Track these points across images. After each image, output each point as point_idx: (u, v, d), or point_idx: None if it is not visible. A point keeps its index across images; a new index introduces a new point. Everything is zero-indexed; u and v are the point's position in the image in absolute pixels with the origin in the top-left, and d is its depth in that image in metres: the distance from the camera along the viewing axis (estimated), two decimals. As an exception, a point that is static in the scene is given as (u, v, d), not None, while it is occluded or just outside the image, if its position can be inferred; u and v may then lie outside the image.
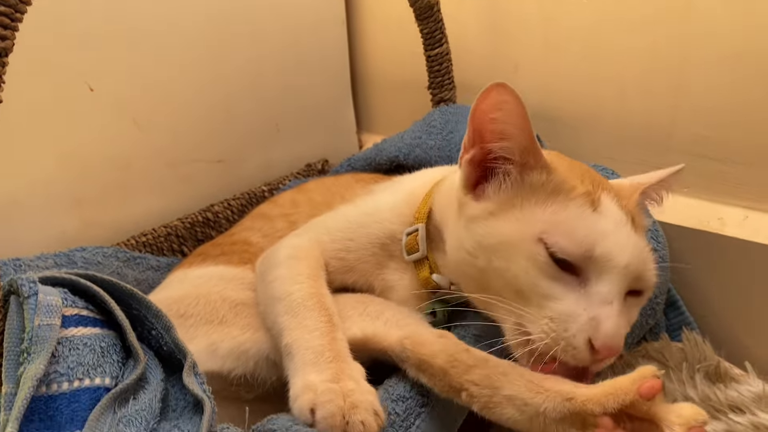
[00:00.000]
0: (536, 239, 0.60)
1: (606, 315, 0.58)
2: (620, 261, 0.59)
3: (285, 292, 0.69)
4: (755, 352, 0.95)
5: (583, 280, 0.60)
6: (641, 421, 0.55)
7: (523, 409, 0.57)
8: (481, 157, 0.65)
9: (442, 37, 1.03)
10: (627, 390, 0.54)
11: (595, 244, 0.59)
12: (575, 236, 0.60)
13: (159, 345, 0.65)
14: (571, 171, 0.65)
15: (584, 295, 0.60)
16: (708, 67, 0.93)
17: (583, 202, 0.62)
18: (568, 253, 0.59)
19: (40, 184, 0.96)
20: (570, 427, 0.56)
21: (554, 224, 0.61)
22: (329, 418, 0.55)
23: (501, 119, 0.62)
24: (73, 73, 0.95)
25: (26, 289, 0.58)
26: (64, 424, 0.54)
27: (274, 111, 1.26)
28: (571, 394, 0.56)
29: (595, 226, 0.61)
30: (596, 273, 0.60)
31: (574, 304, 0.59)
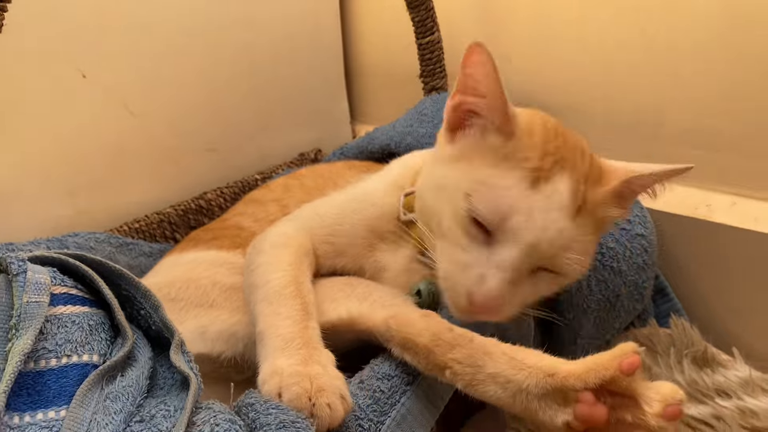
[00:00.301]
0: (465, 194, 0.64)
1: (493, 275, 0.62)
2: (526, 238, 0.61)
3: (264, 280, 0.70)
4: (742, 338, 0.96)
5: (492, 241, 0.63)
6: (621, 396, 0.56)
7: (506, 386, 0.58)
8: (459, 105, 0.68)
9: (433, 25, 1.04)
10: (607, 366, 0.55)
11: (510, 217, 0.62)
12: (495, 205, 0.62)
13: (148, 325, 0.65)
14: (542, 143, 0.65)
15: (485, 254, 0.63)
16: (695, 56, 0.94)
17: (524, 176, 0.63)
18: (482, 217, 0.62)
19: (34, 171, 0.97)
20: (552, 402, 0.57)
21: (485, 187, 0.64)
22: (295, 400, 0.55)
23: (474, 76, 0.65)
24: (65, 60, 0.96)
25: (15, 267, 0.58)
26: (52, 399, 0.54)
27: (268, 100, 1.26)
28: (552, 370, 0.57)
29: (519, 202, 0.62)
30: (503, 240, 0.62)
31: (473, 258, 0.63)
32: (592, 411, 0.54)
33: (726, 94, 0.93)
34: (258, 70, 1.23)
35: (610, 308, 0.85)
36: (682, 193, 0.99)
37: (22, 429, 0.52)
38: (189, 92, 1.13)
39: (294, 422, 0.52)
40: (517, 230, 0.61)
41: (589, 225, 0.65)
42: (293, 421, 0.52)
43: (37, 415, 0.53)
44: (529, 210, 0.62)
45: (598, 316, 0.84)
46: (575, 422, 0.55)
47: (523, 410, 0.58)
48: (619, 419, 0.56)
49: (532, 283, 0.65)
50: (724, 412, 0.83)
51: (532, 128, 0.67)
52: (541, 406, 0.57)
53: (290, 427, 0.51)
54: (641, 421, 0.54)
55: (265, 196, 0.97)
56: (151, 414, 0.55)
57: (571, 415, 0.55)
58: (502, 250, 0.62)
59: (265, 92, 1.26)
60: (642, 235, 0.88)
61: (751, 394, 0.86)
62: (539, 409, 0.57)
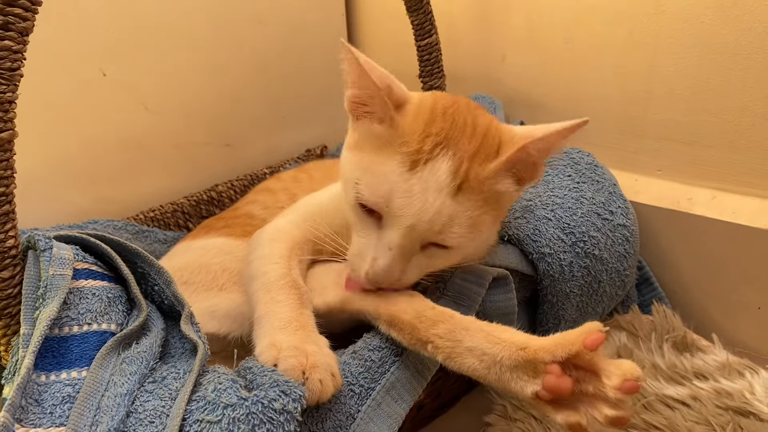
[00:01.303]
0: (354, 182, 0.69)
1: (381, 256, 0.68)
2: (405, 220, 0.66)
3: (261, 271, 0.74)
4: (722, 324, 1.01)
5: (382, 224, 0.68)
6: (585, 370, 0.60)
7: (482, 358, 0.63)
8: (349, 98, 0.72)
9: (431, 28, 1.08)
10: (574, 341, 0.59)
11: (391, 200, 0.66)
12: (377, 190, 0.67)
13: (161, 299, 0.71)
14: (424, 126, 0.68)
15: (377, 237, 0.69)
16: (678, 56, 0.98)
17: (403, 160, 0.66)
18: (368, 201, 0.68)
19: (57, 162, 1.02)
20: (523, 374, 0.61)
21: (369, 174, 0.68)
22: (290, 370, 0.59)
23: (347, 71, 0.69)
24: (87, 59, 1.02)
25: (42, 244, 0.65)
26: (74, 361, 0.61)
27: (277, 99, 1.32)
28: (524, 344, 0.62)
29: (397, 185, 0.66)
30: (389, 222, 0.67)
31: (367, 243, 0.70)
32: (559, 382, 0.58)
33: (706, 93, 0.97)
34: (268, 70, 1.28)
35: (592, 293, 0.89)
36: (664, 186, 1.04)
37: (48, 386, 0.58)
38: (202, 90, 1.19)
39: (286, 381, 0.57)
40: (398, 212, 0.66)
41: (473, 200, 0.67)
42: (285, 381, 0.57)
43: (62, 374, 0.60)
44: (407, 192, 0.65)
45: (580, 300, 0.88)
46: (543, 392, 0.59)
47: (497, 381, 0.63)
48: (582, 390, 0.60)
49: (426, 255, 0.70)
50: (701, 393, 0.87)
51: (419, 112, 0.69)
52: (513, 377, 0.62)
53: (283, 385, 0.57)
54: (601, 393, 0.58)
55: (276, 185, 1.02)
56: (162, 376, 0.62)
57: (539, 385, 0.60)
58: (388, 232, 0.67)
59: (274, 91, 1.31)
60: (624, 225, 0.93)
61: (728, 376, 0.89)
62: (511, 380, 0.62)
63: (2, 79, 0.57)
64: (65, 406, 0.57)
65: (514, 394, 0.63)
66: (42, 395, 0.58)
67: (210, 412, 0.55)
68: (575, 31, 1.09)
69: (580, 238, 0.87)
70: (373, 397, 0.66)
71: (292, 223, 0.82)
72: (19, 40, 0.58)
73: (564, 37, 1.10)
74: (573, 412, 0.59)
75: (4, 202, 0.60)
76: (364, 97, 0.69)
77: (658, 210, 1.02)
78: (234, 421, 0.54)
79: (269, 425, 0.54)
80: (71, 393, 0.58)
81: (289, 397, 0.56)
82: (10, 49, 0.57)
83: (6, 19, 0.57)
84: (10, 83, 0.58)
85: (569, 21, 1.09)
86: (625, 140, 1.07)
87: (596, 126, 1.10)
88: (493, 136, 0.70)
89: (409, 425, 0.87)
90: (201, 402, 0.57)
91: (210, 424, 0.54)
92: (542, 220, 0.87)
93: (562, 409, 0.60)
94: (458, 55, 1.23)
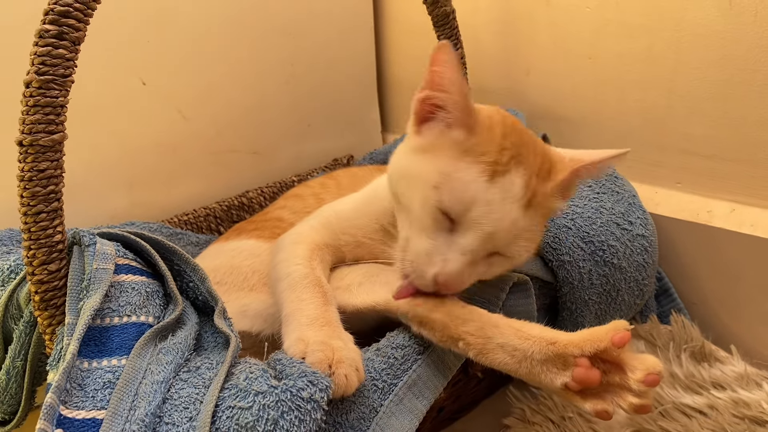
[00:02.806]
0: (433, 186, 0.69)
1: (454, 260, 0.68)
2: (485, 228, 0.68)
3: (286, 273, 0.77)
4: (741, 336, 1.01)
5: (455, 227, 0.69)
6: (610, 363, 0.64)
7: (513, 353, 0.66)
8: (426, 99, 0.72)
9: (457, 42, 1.11)
10: (602, 338, 0.63)
11: (472, 208, 0.68)
12: (460, 197, 0.68)
13: (195, 296, 0.75)
14: (500, 138, 0.70)
15: (449, 240, 0.69)
16: (698, 70, 0.99)
17: (483, 169, 0.68)
18: (448, 207, 0.68)
19: (96, 166, 1.07)
20: (552, 367, 0.65)
21: (450, 180, 0.69)
22: (317, 363, 0.61)
23: (440, 73, 0.69)
24: (128, 69, 1.07)
25: (86, 239, 0.69)
26: (114, 350, 0.64)
27: (306, 109, 1.36)
28: (554, 339, 0.65)
29: (479, 194, 0.68)
30: (465, 228, 0.68)
31: (438, 245, 0.69)
32: (588, 374, 0.62)
33: (726, 107, 0.98)
34: (298, 82, 1.32)
35: (610, 301, 0.91)
36: (684, 199, 1.05)
37: (91, 372, 0.62)
38: (236, 100, 1.23)
39: (314, 372, 0.60)
40: (477, 220, 0.68)
41: (537, 216, 0.71)
42: (313, 372, 0.60)
43: (103, 361, 0.63)
44: (488, 202, 0.68)
45: (599, 308, 0.90)
46: (572, 383, 0.63)
47: (527, 374, 0.66)
48: (609, 382, 0.63)
49: (487, 263, 0.71)
50: (718, 403, 0.87)
51: (492, 124, 0.71)
52: (543, 370, 0.65)
53: (311, 375, 0.60)
54: (626, 384, 0.62)
55: (304, 191, 1.05)
56: (196, 366, 0.65)
57: (569, 377, 0.63)
58: (463, 238, 0.68)
59: (304, 102, 1.35)
60: (643, 236, 0.94)
61: (745, 387, 0.90)
62: (541, 372, 0.65)
63: (55, 85, 0.61)
64: (106, 391, 0.60)
65: (543, 386, 0.66)
66: (85, 380, 0.61)
67: (241, 399, 0.58)
68: (597, 45, 1.11)
69: (600, 246, 0.89)
70: (395, 393, 0.68)
71: (312, 228, 0.85)
72: (72, 49, 0.62)
73: (586, 52, 1.12)
74: (600, 400, 0.63)
75: (53, 200, 0.64)
76: (444, 101, 0.70)
77: (677, 222, 1.03)
78: (264, 408, 0.57)
79: (297, 412, 0.57)
80: (111, 379, 0.61)
81: (317, 387, 0.59)
82: (64, 57, 0.62)
83: (61, 30, 0.61)
84: (63, 89, 0.62)
85: (592, 36, 1.11)
86: (645, 153, 1.09)
87: (617, 139, 1.11)
88: (547, 156, 0.73)
89: (429, 427, 0.89)
90: (233, 390, 0.60)
91: (241, 410, 0.57)
92: (562, 228, 0.89)
93: (589, 398, 0.64)
94: (483, 69, 1.26)
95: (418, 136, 0.74)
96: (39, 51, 0.60)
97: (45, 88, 0.61)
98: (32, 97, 0.61)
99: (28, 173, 0.62)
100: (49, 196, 0.63)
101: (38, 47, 0.61)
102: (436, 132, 0.72)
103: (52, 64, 0.61)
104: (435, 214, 0.69)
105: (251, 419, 0.57)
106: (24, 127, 0.61)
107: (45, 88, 0.61)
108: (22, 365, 0.72)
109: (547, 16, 1.16)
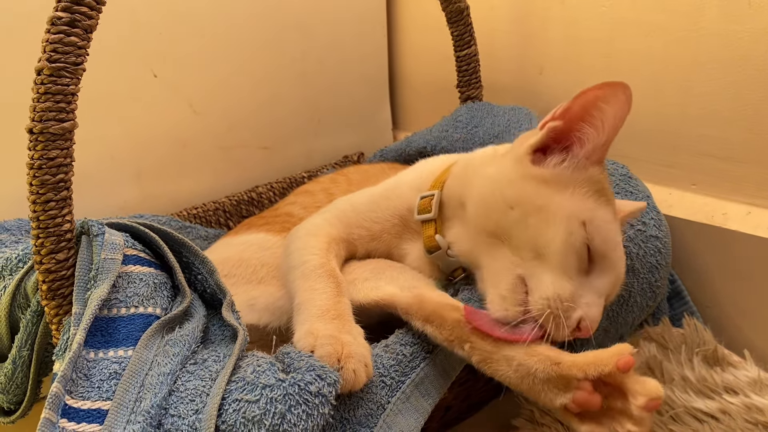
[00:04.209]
0: (581, 222, 0.67)
1: (596, 304, 0.67)
2: (620, 271, 0.69)
3: (300, 261, 0.76)
4: (755, 341, 0.99)
5: (589, 270, 0.68)
6: (612, 387, 0.63)
7: (517, 368, 0.64)
8: (563, 130, 0.70)
9: (471, 39, 1.11)
10: (607, 362, 0.61)
11: (614, 249, 0.68)
12: (606, 236, 0.68)
13: (203, 288, 0.75)
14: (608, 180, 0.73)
15: (585, 283, 0.68)
16: (715, 71, 0.98)
17: (613, 210, 0.70)
18: (596, 246, 0.67)
19: (106, 158, 1.07)
20: (553, 387, 0.63)
21: (596, 218, 0.68)
22: (326, 357, 0.61)
23: (606, 111, 0.67)
24: (140, 61, 1.07)
25: (95, 229, 0.69)
26: (121, 340, 0.64)
27: (317, 106, 1.36)
28: (558, 359, 0.63)
29: (616, 238, 0.69)
30: (601, 270, 0.68)
31: (577, 287, 0.67)
32: (590, 398, 0.61)
33: (742, 108, 0.96)
34: (310, 78, 1.32)
35: (622, 303, 0.89)
36: (699, 201, 1.03)
37: (97, 362, 0.62)
38: (247, 95, 1.23)
39: (322, 367, 0.60)
40: (615, 262, 0.68)
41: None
42: (321, 366, 0.60)
43: (109, 352, 0.63)
44: (619, 245, 0.68)
45: (611, 309, 0.88)
46: (572, 405, 0.62)
47: (527, 390, 0.65)
48: (610, 406, 0.63)
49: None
50: (731, 408, 0.86)
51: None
52: (543, 388, 0.64)
53: (319, 369, 0.59)
54: (627, 411, 0.61)
55: (315, 187, 1.05)
56: (203, 358, 0.65)
57: (569, 399, 0.62)
58: (600, 279, 0.68)
59: (315, 99, 1.35)
60: (656, 237, 0.93)
61: (759, 392, 0.88)
62: (542, 391, 0.64)
63: (67, 73, 0.61)
64: (112, 382, 0.60)
65: (542, 403, 0.65)
66: (91, 370, 0.61)
67: (249, 392, 0.58)
68: (612, 45, 1.10)
69: (612, 247, 0.88)
70: (402, 390, 0.67)
71: (327, 221, 0.85)
72: (84, 37, 0.62)
73: (601, 51, 1.11)
74: (597, 425, 0.62)
75: (62, 188, 0.64)
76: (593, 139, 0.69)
77: (692, 224, 1.02)
78: (271, 401, 0.57)
79: (305, 406, 0.57)
80: (117, 370, 0.61)
81: (325, 381, 0.58)
82: (76, 45, 0.61)
83: (73, 17, 0.61)
84: (74, 77, 0.62)
85: (607, 34, 1.10)
86: (659, 154, 1.08)
87: (631, 139, 1.10)
88: None
89: (437, 426, 0.88)
90: (240, 383, 0.59)
91: (248, 404, 0.57)
92: (575, 228, 0.88)
93: (586, 420, 0.63)
94: (496, 67, 1.25)
95: (538, 166, 0.71)
96: (51, 38, 0.60)
97: (56, 76, 0.60)
98: (43, 84, 0.60)
99: (37, 161, 0.61)
100: (59, 185, 0.63)
101: (50, 34, 0.60)
102: (567, 164, 0.70)
103: (64, 52, 0.60)
104: (582, 252, 0.67)
105: (258, 413, 0.56)
106: (34, 115, 0.61)
107: (56, 76, 0.60)
108: (29, 355, 0.72)
109: (561, 13, 1.16)
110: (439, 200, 0.80)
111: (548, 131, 0.70)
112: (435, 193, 0.81)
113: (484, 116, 1.12)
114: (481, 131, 1.10)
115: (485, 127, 1.09)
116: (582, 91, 0.67)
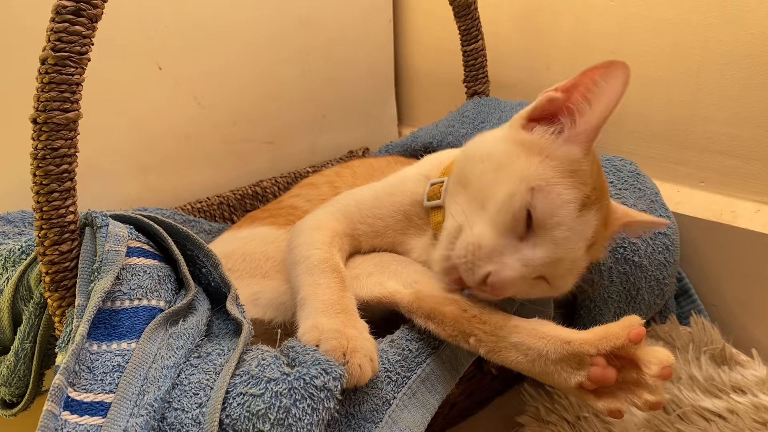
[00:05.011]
0: (530, 187, 0.67)
1: (513, 268, 0.66)
2: (558, 252, 0.67)
3: (304, 256, 0.76)
4: (762, 340, 0.99)
5: (526, 236, 0.67)
6: (624, 360, 0.62)
7: (527, 353, 0.64)
8: (560, 103, 0.70)
9: (478, 33, 1.10)
10: (618, 335, 0.61)
11: (557, 227, 0.66)
12: (553, 210, 0.66)
13: (207, 281, 0.74)
14: (597, 175, 0.70)
15: (516, 246, 0.67)
16: (725, 67, 0.97)
17: (578, 197, 0.67)
18: (536, 214, 0.66)
19: (111, 151, 1.07)
20: (567, 366, 0.63)
21: (550, 191, 0.67)
22: (331, 351, 0.60)
23: (601, 88, 0.66)
24: (145, 53, 1.06)
25: (99, 221, 0.68)
26: (124, 333, 0.63)
27: (322, 100, 1.35)
28: (569, 338, 0.63)
29: (568, 217, 0.67)
30: (538, 242, 0.67)
31: (504, 245, 0.67)
32: (605, 373, 0.61)
33: (751, 105, 0.96)
34: (315, 72, 1.32)
35: (630, 300, 0.89)
36: (707, 198, 1.03)
37: (100, 355, 0.61)
38: (252, 89, 1.23)
39: (328, 360, 0.59)
40: (555, 240, 0.66)
41: (589, 259, 0.72)
42: (327, 360, 0.59)
43: (112, 344, 0.62)
44: (571, 230, 0.67)
45: (618, 306, 0.88)
46: (588, 383, 0.62)
47: (540, 373, 0.65)
48: (625, 379, 0.62)
49: (530, 284, 0.69)
50: (738, 407, 0.85)
51: (596, 159, 0.71)
52: (557, 369, 0.63)
53: (324, 363, 0.58)
54: (642, 381, 0.61)
55: (319, 180, 1.04)
56: (207, 352, 0.64)
57: (584, 376, 0.62)
58: (532, 250, 0.67)
59: (320, 93, 1.34)
60: (665, 234, 0.92)
61: (767, 392, 0.88)
62: (555, 372, 0.64)
63: (71, 62, 0.60)
64: (115, 375, 0.60)
65: (556, 385, 0.65)
66: (94, 363, 0.60)
67: (253, 386, 0.57)
68: (621, 40, 1.09)
69: (620, 243, 0.87)
70: (408, 386, 0.67)
71: (332, 216, 0.84)
72: (89, 26, 0.61)
73: (610, 47, 1.10)
74: (613, 399, 0.62)
75: (66, 179, 0.63)
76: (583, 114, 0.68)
77: (700, 222, 1.01)
78: (276, 395, 0.56)
79: (310, 401, 0.56)
80: (121, 363, 0.61)
81: (330, 375, 0.58)
82: (80, 34, 0.60)
83: (78, 6, 0.60)
84: (78, 66, 0.61)
85: (615, 30, 1.09)
86: (668, 151, 1.07)
87: (639, 136, 1.09)
88: (610, 205, 0.75)
89: (442, 422, 0.88)
90: (244, 376, 0.58)
91: (253, 398, 0.56)
92: (583, 224, 0.87)
93: (602, 396, 0.63)
94: (503, 63, 1.25)
95: (526, 131, 0.72)
96: (55, 27, 0.59)
97: (61, 65, 0.60)
98: (47, 74, 0.60)
99: (41, 151, 0.61)
100: (62, 176, 0.62)
101: (55, 23, 0.59)
102: (550, 136, 0.70)
103: (69, 41, 0.60)
104: (519, 214, 0.67)
105: (263, 407, 0.55)
106: (38, 105, 0.60)
107: (61, 65, 0.60)
108: (31, 347, 0.71)
109: (569, 9, 1.15)
110: (447, 187, 0.79)
111: (543, 100, 0.71)
112: (445, 179, 0.80)
113: (491, 112, 1.11)
114: (488, 127, 1.09)
115: (492, 123, 1.09)
116: (587, 68, 0.67)
